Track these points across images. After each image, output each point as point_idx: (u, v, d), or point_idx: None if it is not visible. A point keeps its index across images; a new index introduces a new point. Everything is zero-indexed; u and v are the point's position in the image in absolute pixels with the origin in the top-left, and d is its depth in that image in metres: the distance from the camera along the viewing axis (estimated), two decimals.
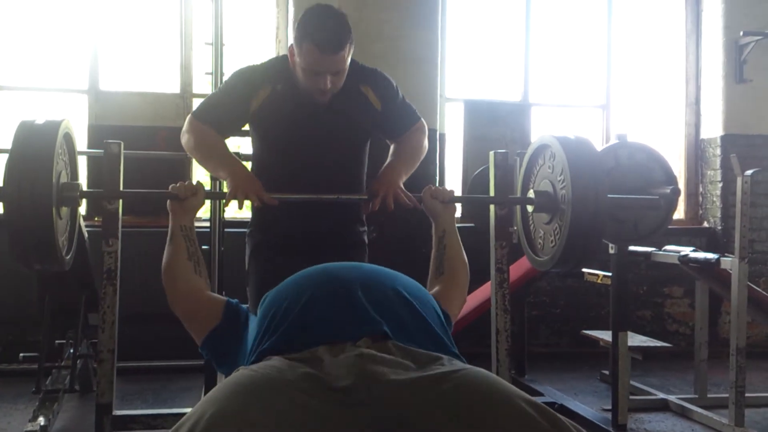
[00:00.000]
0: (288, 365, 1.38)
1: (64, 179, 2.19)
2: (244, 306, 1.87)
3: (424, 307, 1.63)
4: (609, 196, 2.30)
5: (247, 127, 2.46)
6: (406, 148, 2.47)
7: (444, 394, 1.30)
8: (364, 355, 1.38)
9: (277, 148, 2.39)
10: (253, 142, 2.50)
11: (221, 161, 2.31)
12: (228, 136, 2.43)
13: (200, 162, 2.43)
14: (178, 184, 2.11)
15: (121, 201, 2.23)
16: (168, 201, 2.09)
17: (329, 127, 2.34)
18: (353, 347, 1.42)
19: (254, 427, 1.24)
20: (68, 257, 2.26)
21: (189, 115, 2.40)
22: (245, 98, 2.32)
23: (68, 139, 2.25)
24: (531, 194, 2.38)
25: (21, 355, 3.73)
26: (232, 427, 1.24)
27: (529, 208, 2.40)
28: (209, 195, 2.29)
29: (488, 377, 1.36)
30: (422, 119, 2.53)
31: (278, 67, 2.36)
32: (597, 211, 2.21)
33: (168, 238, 2.01)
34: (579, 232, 2.21)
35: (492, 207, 2.31)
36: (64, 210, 2.21)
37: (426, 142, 2.53)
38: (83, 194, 2.25)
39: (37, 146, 2.02)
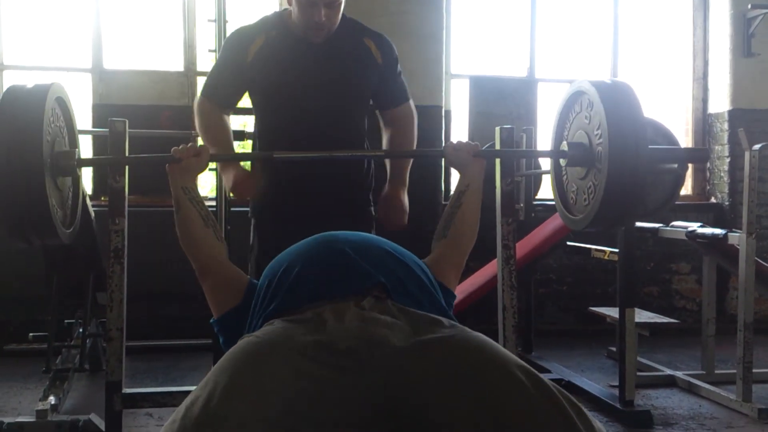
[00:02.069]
0: (292, 331, 1.40)
1: (61, 147, 2.05)
2: (260, 286, 1.84)
3: (416, 269, 1.67)
4: (650, 147, 2.09)
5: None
6: (403, 143, 2.48)
7: (441, 360, 1.33)
8: (367, 319, 1.41)
9: (273, 93, 2.38)
10: (253, 104, 2.49)
11: (223, 164, 2.41)
12: (234, 106, 2.47)
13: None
14: (180, 147, 1.98)
15: (127, 178, 2.20)
16: (167, 164, 1.97)
17: (327, 68, 2.33)
18: (357, 309, 1.45)
19: (266, 397, 1.26)
20: (69, 230, 2.12)
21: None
22: (241, 55, 2.35)
23: (62, 104, 2.11)
24: (564, 146, 2.18)
25: (30, 334, 3.76)
26: (245, 398, 1.26)
27: (562, 162, 2.22)
28: (214, 157, 2.23)
29: (484, 343, 1.39)
30: (412, 100, 2.55)
31: (270, 18, 2.43)
32: (637, 167, 1.99)
33: (174, 205, 1.90)
34: (617, 190, 2.00)
35: (498, 182, 2.29)
36: (62, 180, 2.08)
37: (416, 128, 2.55)
38: (81, 162, 2.11)
39: (24, 111, 1.89)
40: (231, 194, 2.47)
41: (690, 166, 5.34)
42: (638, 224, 3.67)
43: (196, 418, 1.26)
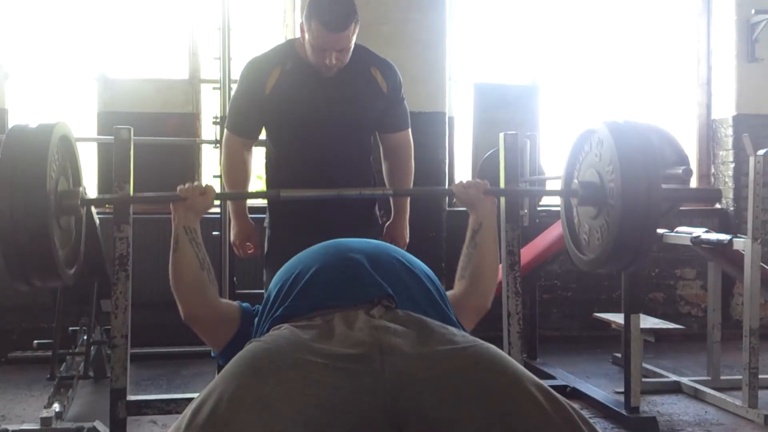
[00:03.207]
0: (300, 337, 1.39)
1: (63, 186, 2.01)
2: (256, 307, 1.82)
3: (426, 281, 1.66)
4: (663, 186, 2.07)
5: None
6: (404, 175, 2.64)
7: (455, 372, 1.32)
8: (378, 327, 1.41)
9: (287, 126, 2.50)
10: (266, 133, 2.61)
11: (232, 207, 2.63)
12: (258, 136, 2.61)
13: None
14: (186, 185, 1.96)
15: (132, 186, 2.21)
16: (171, 203, 1.95)
17: (338, 104, 2.46)
18: (366, 317, 1.45)
19: (273, 405, 1.26)
20: (72, 271, 2.08)
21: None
22: (259, 86, 2.46)
23: (66, 143, 2.08)
24: (575, 185, 2.15)
25: (35, 342, 3.76)
26: (252, 405, 1.26)
27: (573, 201, 2.19)
28: (220, 196, 2.25)
29: (498, 357, 1.38)
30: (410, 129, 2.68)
31: (284, 48, 2.54)
32: (649, 206, 1.94)
33: (172, 243, 1.86)
34: (629, 230, 1.95)
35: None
36: (66, 219, 2.04)
37: (413, 159, 2.69)
38: (85, 201, 2.07)
39: (28, 153, 1.85)
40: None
41: (695, 170, 5.34)
42: None
43: (201, 427, 1.25)
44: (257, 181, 3.62)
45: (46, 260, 1.87)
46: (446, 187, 2.14)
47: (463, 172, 5.27)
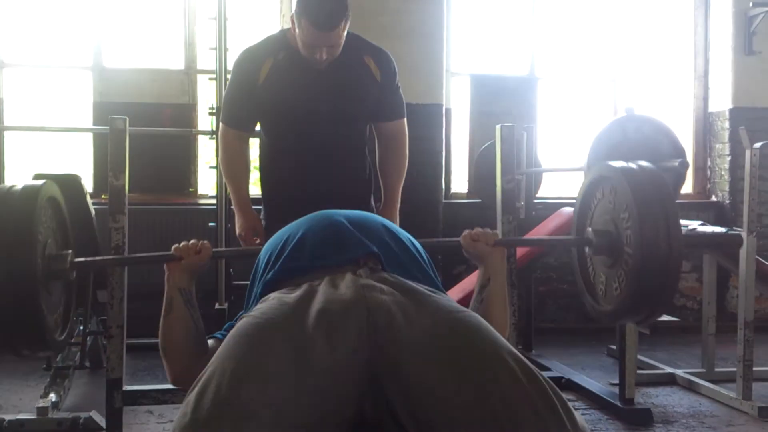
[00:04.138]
0: (287, 305, 1.42)
1: (52, 249, 1.88)
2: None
3: (410, 245, 1.70)
4: (683, 233, 1.86)
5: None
6: (397, 163, 2.63)
7: (436, 336, 1.36)
8: (365, 286, 1.44)
9: (281, 117, 2.50)
10: (260, 124, 2.60)
11: (235, 200, 2.58)
12: (254, 128, 2.61)
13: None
14: (181, 245, 1.81)
15: (127, 176, 2.21)
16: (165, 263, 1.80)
17: (331, 93, 2.45)
18: (353, 276, 1.48)
19: (274, 377, 1.29)
20: (62, 337, 1.95)
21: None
22: (253, 76, 2.45)
23: (53, 203, 1.96)
24: (589, 233, 1.99)
25: None
26: (253, 381, 1.28)
27: (588, 251, 2.05)
28: (216, 254, 2.19)
29: (480, 325, 1.42)
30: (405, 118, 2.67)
31: (277, 38, 2.53)
32: (670, 257, 1.78)
33: (165, 305, 1.74)
34: (648, 282, 1.81)
35: (499, 180, 2.29)
36: (55, 284, 1.90)
37: (407, 149, 2.68)
38: (75, 265, 1.91)
39: (13, 221, 1.72)
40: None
41: (691, 163, 5.34)
42: None
43: (207, 410, 1.26)
44: (254, 171, 3.62)
45: (34, 329, 1.75)
46: (456, 239, 1.92)
47: (460, 164, 5.27)
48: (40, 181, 1.87)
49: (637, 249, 1.81)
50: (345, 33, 2.36)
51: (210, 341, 1.76)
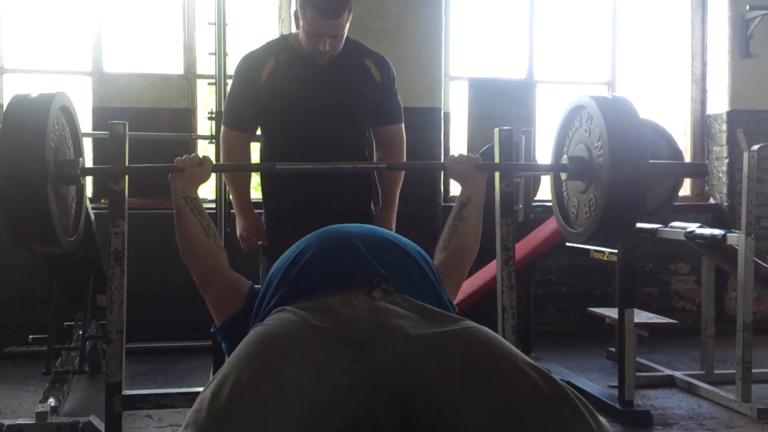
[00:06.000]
0: (302, 319, 1.43)
1: (65, 156, 2.07)
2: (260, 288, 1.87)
3: (421, 261, 1.71)
4: (650, 162, 2.08)
5: None
6: (393, 174, 2.65)
7: (453, 353, 1.38)
8: (380, 309, 1.45)
9: (282, 115, 2.51)
10: (261, 124, 2.60)
11: (236, 202, 2.59)
12: (255, 130, 2.62)
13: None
14: (183, 157, 1.99)
15: (127, 181, 2.21)
16: (169, 174, 1.98)
17: (332, 91, 2.48)
18: (368, 298, 1.48)
19: (292, 384, 1.30)
20: (72, 239, 2.13)
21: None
22: (254, 79, 2.48)
23: (67, 113, 2.12)
24: (564, 160, 2.19)
25: (30, 337, 3.76)
26: (272, 383, 1.29)
27: (563, 176, 2.23)
28: (217, 167, 2.28)
29: (493, 338, 1.45)
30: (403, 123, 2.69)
31: (278, 42, 2.57)
32: (637, 181, 1.98)
33: (175, 215, 1.90)
34: (617, 204, 2.00)
35: (497, 184, 2.29)
36: (66, 189, 2.09)
37: (405, 152, 2.70)
38: (85, 171, 2.12)
39: (28, 120, 1.91)
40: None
41: None
42: (637, 225, 3.67)
43: (224, 406, 1.27)
44: (255, 175, 3.62)
45: (46, 226, 1.91)
46: (441, 162, 2.17)
47: None
48: (55, 90, 2.00)
49: (606, 175, 1.98)
50: (348, 24, 2.40)
51: (242, 278, 1.85)
